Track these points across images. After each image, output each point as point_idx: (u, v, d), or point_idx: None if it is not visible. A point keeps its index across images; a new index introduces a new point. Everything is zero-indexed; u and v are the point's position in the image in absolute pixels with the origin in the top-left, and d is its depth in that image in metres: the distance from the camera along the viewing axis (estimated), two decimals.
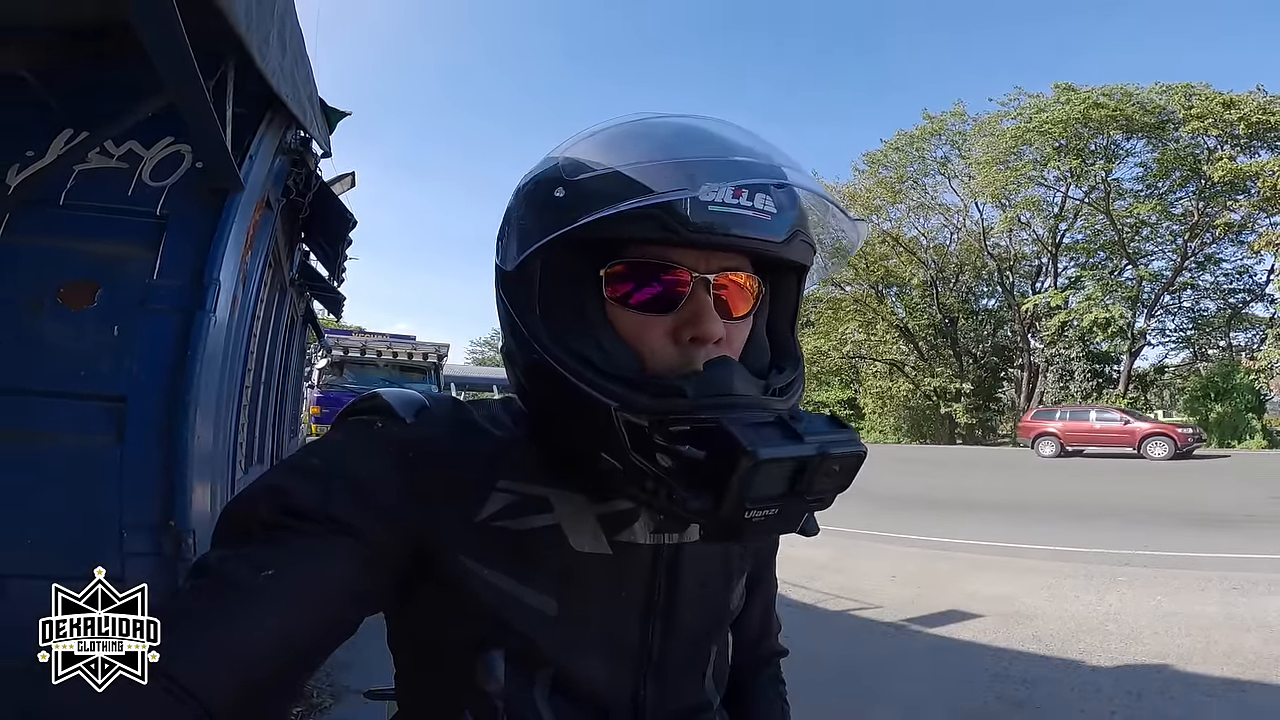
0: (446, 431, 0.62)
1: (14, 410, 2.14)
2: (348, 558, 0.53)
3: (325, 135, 3.18)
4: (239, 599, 0.48)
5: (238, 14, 1.67)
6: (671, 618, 0.66)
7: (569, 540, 0.62)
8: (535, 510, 0.61)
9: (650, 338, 0.58)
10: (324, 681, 3.40)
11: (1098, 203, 29.00)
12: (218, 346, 2.39)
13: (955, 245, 35.75)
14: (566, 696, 0.62)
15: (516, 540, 0.60)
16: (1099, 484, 12.86)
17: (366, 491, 0.56)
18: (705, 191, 0.53)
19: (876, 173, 34.20)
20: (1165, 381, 31.80)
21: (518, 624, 0.59)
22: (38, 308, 2.18)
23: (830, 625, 4.66)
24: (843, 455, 0.51)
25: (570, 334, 0.57)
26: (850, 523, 8.80)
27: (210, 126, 1.99)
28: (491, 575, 0.59)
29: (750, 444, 0.47)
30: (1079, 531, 7.69)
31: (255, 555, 0.50)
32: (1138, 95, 25.94)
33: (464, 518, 0.59)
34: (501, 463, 0.62)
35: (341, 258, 5.12)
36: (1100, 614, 4.62)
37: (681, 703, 0.69)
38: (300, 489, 0.54)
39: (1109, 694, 3.30)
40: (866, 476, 0.59)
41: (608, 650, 0.64)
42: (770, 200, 0.56)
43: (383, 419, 0.61)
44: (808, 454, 0.49)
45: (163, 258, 2.28)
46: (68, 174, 2.25)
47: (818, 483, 0.51)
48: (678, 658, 0.68)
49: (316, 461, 0.58)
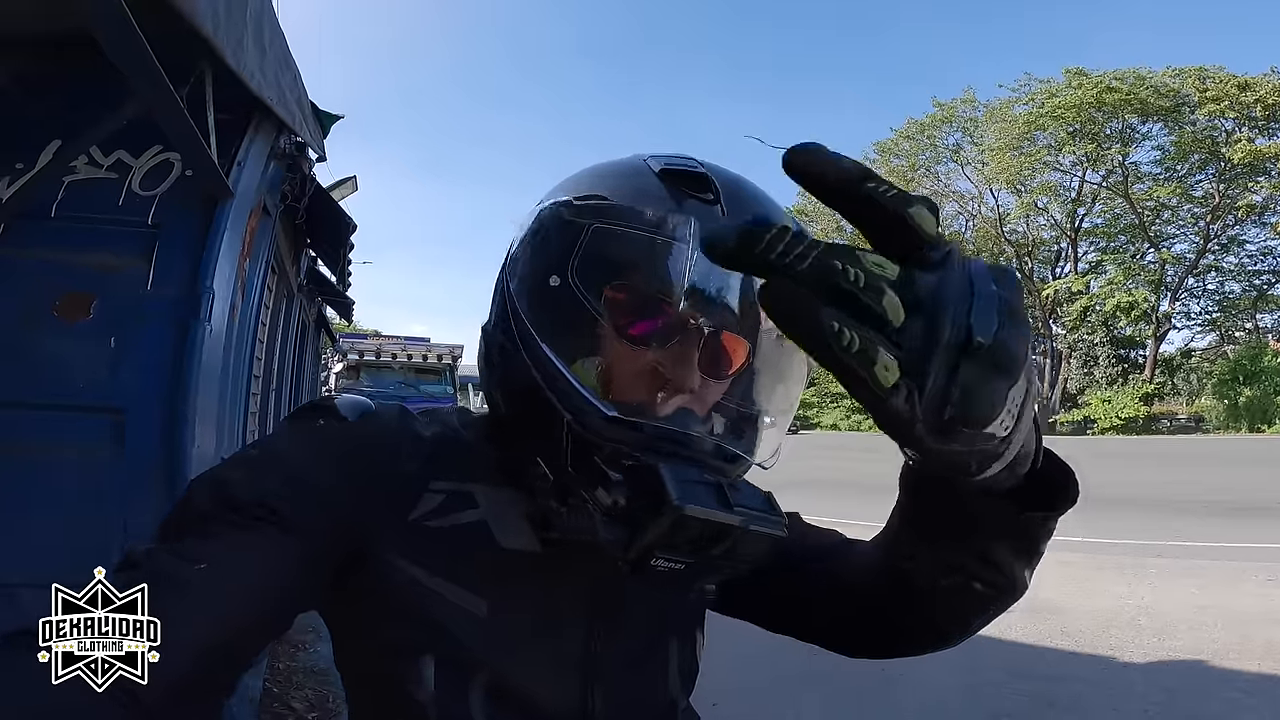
0: (386, 434, 0.62)
1: (13, 424, 2.13)
2: (282, 551, 0.52)
3: (319, 139, 3.16)
4: (167, 591, 0.47)
5: (202, 17, 1.64)
6: (617, 614, 0.64)
7: (496, 536, 0.60)
8: (461, 506, 0.61)
9: (625, 368, 0.57)
10: (338, 687, 3.39)
11: (1116, 186, 28.59)
12: (216, 355, 2.37)
13: (971, 233, 35.44)
14: (505, 706, 0.59)
15: (445, 538, 0.59)
16: (1124, 471, 12.62)
17: (304, 486, 0.55)
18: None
19: (888, 162, 34.01)
20: (1192, 365, 31.22)
21: (448, 625, 0.58)
22: (33, 321, 2.16)
23: None
24: (762, 534, 0.50)
25: (554, 343, 0.56)
26: (872, 517, 8.72)
27: (189, 133, 1.96)
28: (421, 574, 0.58)
29: (679, 498, 0.47)
30: (1106, 522, 7.52)
31: (189, 548, 0.50)
32: (1151, 79, 25.70)
33: (397, 517, 0.59)
34: (437, 464, 0.62)
35: (344, 262, 5.12)
36: (1132, 607, 4.51)
37: (640, 708, 0.65)
38: (238, 481, 0.54)
39: (1142, 691, 3.19)
40: (886, 468, 0.53)
41: (547, 653, 0.61)
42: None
43: (327, 417, 0.61)
44: (731, 524, 0.49)
45: (156, 267, 2.26)
46: (58, 186, 2.23)
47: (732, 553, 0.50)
48: (630, 658, 0.65)
49: (256, 454, 0.59)
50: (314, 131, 3.12)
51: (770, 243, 0.31)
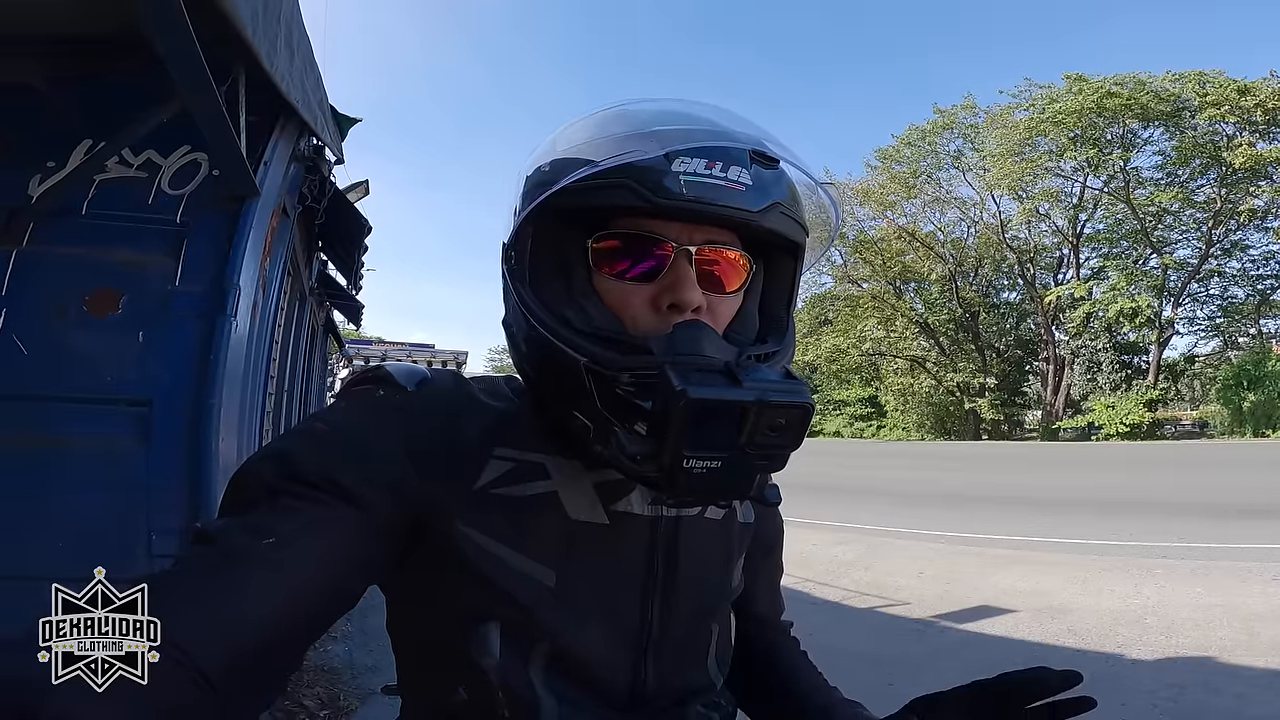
0: (447, 401, 0.62)
1: (43, 416, 2.18)
2: (350, 524, 0.53)
3: (338, 142, 3.22)
4: (239, 566, 0.48)
5: (244, 20, 1.69)
6: (671, 593, 0.65)
7: (565, 508, 0.61)
8: (532, 477, 0.61)
9: (632, 305, 0.59)
10: (350, 684, 3.43)
11: (1118, 192, 28.61)
12: (239, 352, 2.41)
13: (973, 239, 35.47)
14: (564, 674, 0.60)
15: (514, 507, 0.60)
16: (1129, 476, 12.61)
17: (369, 457, 0.56)
18: (678, 163, 0.54)
19: (889, 168, 34.07)
20: (1196, 371, 31.14)
21: (515, 593, 0.59)
22: (64, 315, 2.21)
23: (857, 622, 4.60)
24: (784, 405, 0.49)
25: (557, 300, 0.59)
26: (877, 520, 8.72)
27: (225, 133, 2.01)
28: (489, 543, 0.59)
29: (682, 384, 0.47)
30: (1111, 524, 7.53)
31: (258, 522, 0.50)
32: (1151, 84, 25.78)
33: (463, 484, 0.59)
34: (500, 431, 0.62)
35: (358, 264, 5.18)
36: (1138, 606, 4.51)
37: (684, 683, 0.67)
38: (304, 454, 0.55)
39: (1150, 687, 3.20)
40: (892, 474, 0.57)
41: (606, 626, 0.63)
42: (746, 173, 0.56)
43: (385, 388, 0.62)
44: (745, 399, 0.48)
45: (184, 264, 2.31)
46: (89, 184, 2.29)
47: (760, 435, 0.49)
48: (678, 636, 0.67)
49: (321, 427, 0.58)
50: (333, 134, 3.18)
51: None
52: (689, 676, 0.68)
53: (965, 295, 35.39)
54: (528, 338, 0.60)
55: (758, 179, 0.57)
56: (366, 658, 3.76)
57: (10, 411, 2.16)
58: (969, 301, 35.39)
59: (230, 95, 2.13)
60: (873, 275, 36.43)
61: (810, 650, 0.88)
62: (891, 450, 25.70)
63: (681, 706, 0.67)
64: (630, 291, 0.59)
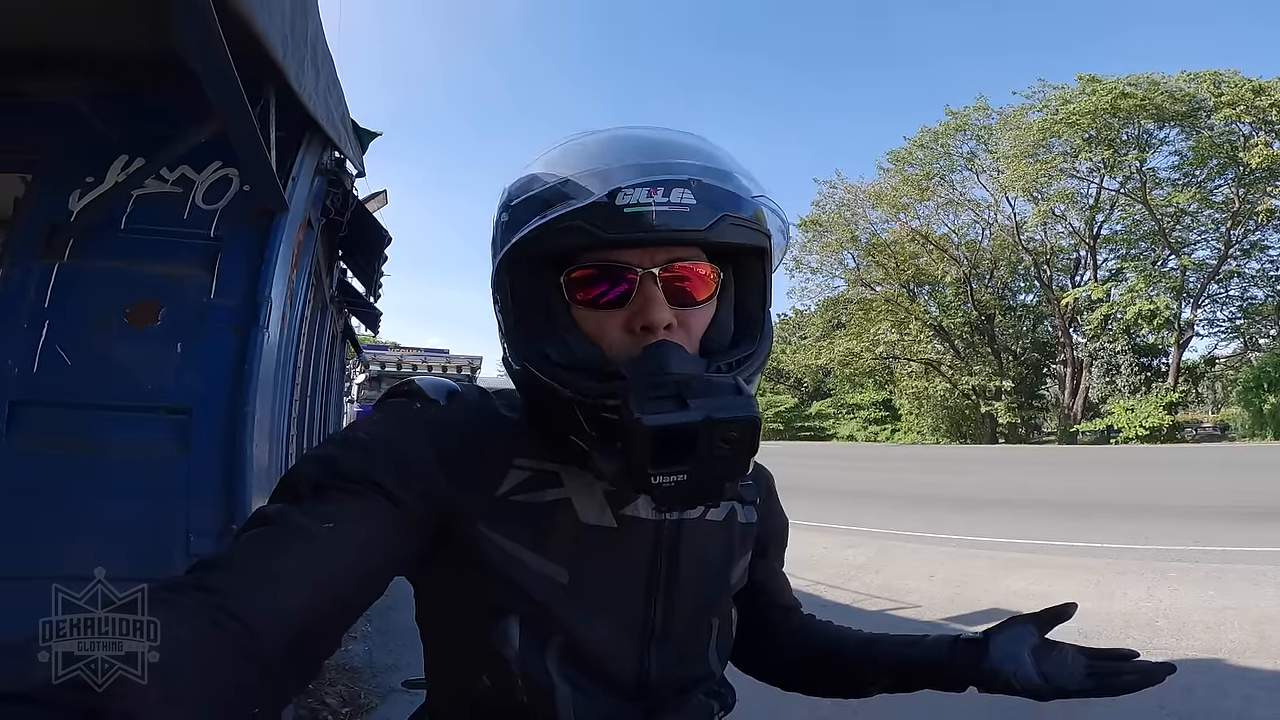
0: (473, 415, 0.69)
1: (87, 424, 2.27)
2: (387, 518, 0.58)
3: (359, 155, 3.31)
4: (298, 545, 0.52)
5: (275, 42, 1.77)
6: (673, 591, 0.71)
7: (578, 512, 0.67)
8: (548, 485, 0.67)
9: (608, 331, 0.64)
10: (370, 682, 3.52)
11: (1134, 193, 28.30)
12: (271, 362, 2.50)
13: (988, 241, 35.18)
14: (576, 664, 0.66)
15: (531, 512, 0.66)
16: (1145, 479, 12.48)
17: (405, 463, 0.61)
18: (621, 196, 0.59)
19: (902, 170, 33.84)
20: (1216, 373, 30.68)
21: (532, 590, 0.64)
22: (106, 327, 2.31)
23: (866, 625, 4.48)
24: (730, 420, 0.55)
25: (540, 336, 0.64)
26: (888, 524, 8.71)
27: (258, 150, 2.09)
28: (509, 545, 0.64)
29: (639, 412, 0.53)
30: (1127, 527, 7.49)
31: (311, 509, 0.55)
32: (1165, 84, 25.53)
33: (486, 491, 0.65)
34: (518, 443, 0.68)
35: (378, 273, 5.29)
36: (1149, 609, 4.51)
37: (686, 673, 0.73)
38: (347, 457, 0.60)
39: (1158, 688, 3.21)
40: (904, 478, 0.64)
41: (614, 620, 0.68)
42: (688, 193, 0.60)
43: (420, 401, 0.68)
44: (693, 420, 0.54)
45: (218, 277, 2.40)
46: (127, 199, 2.38)
47: (715, 448, 0.55)
48: (681, 629, 0.72)
49: (362, 435, 0.64)
50: (355, 148, 3.28)
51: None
52: (690, 667, 0.74)
53: (980, 298, 35.11)
54: (517, 374, 0.66)
55: (702, 195, 0.61)
56: (386, 657, 3.85)
57: (56, 419, 2.26)
58: (984, 304, 35.10)
59: (262, 114, 2.21)
60: (886, 278, 36.24)
61: None
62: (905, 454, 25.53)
63: (684, 694, 0.73)
64: (605, 319, 0.64)
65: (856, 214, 36.05)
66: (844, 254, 37.26)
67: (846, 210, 36.15)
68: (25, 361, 2.25)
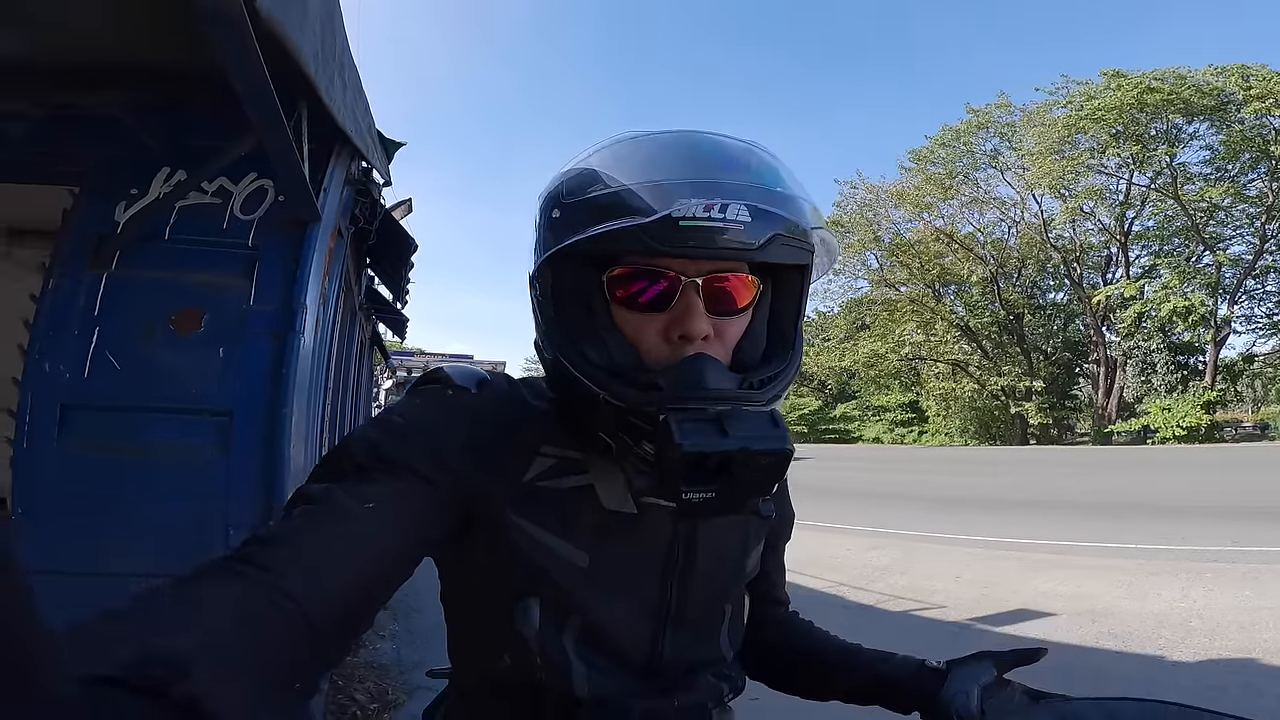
0: (503, 403, 0.70)
1: (134, 425, 2.38)
2: (421, 500, 0.60)
3: (385, 165, 3.40)
4: (344, 525, 0.54)
5: (307, 59, 1.84)
6: (689, 576, 0.73)
7: (601, 499, 0.69)
8: (572, 471, 0.69)
9: (646, 335, 0.65)
10: (397, 679, 3.60)
11: (1165, 188, 27.63)
12: (306, 366, 2.59)
13: (1015, 239, 34.62)
14: (593, 644, 0.69)
15: (556, 498, 0.68)
16: (1182, 479, 12.18)
17: (440, 447, 0.63)
18: (678, 206, 0.58)
19: (924, 169, 33.41)
20: (1255, 371, 29.77)
21: (554, 574, 0.67)
22: (151, 334, 2.42)
23: (890, 625, 4.61)
24: (765, 451, 0.58)
25: (578, 332, 0.65)
26: (914, 525, 8.63)
27: (293, 163, 2.18)
28: (533, 529, 0.66)
29: (680, 438, 0.55)
30: (1163, 528, 7.34)
31: (353, 488, 0.57)
32: (1192, 78, 24.94)
33: (513, 477, 0.67)
34: (545, 431, 0.69)
35: (405, 280, 5.41)
36: (1183, 610, 4.44)
37: (697, 655, 0.76)
38: (386, 440, 0.62)
39: (1188, 688, 3.18)
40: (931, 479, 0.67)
41: (631, 603, 0.71)
42: (745, 210, 0.60)
43: (452, 388, 0.69)
44: (731, 449, 0.56)
45: (257, 285, 2.51)
46: (170, 210, 2.49)
47: (746, 474, 0.58)
48: (694, 614, 0.74)
49: (399, 420, 0.65)
50: (381, 158, 3.38)
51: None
52: (702, 650, 0.76)
53: (1008, 297, 34.54)
54: (553, 368, 0.67)
55: (757, 213, 0.60)
56: (413, 654, 3.94)
57: (106, 422, 2.37)
58: (1012, 303, 34.52)
59: (295, 128, 2.30)
60: (910, 278, 35.84)
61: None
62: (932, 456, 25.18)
63: (694, 675, 0.75)
64: (644, 323, 0.65)
65: (879, 214, 35.74)
66: (867, 255, 36.92)
67: (868, 210, 35.87)
68: (76, 367, 2.36)
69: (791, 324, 0.72)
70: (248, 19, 1.37)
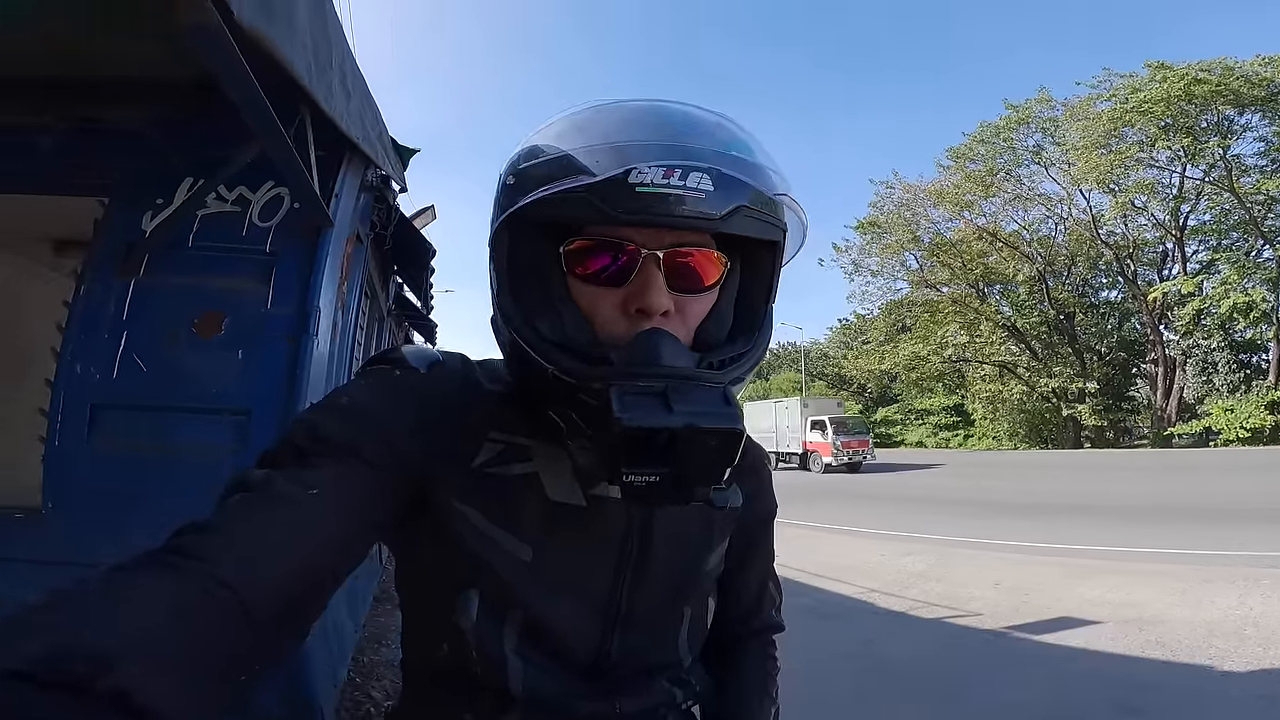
0: (453, 385, 0.67)
1: (159, 424, 2.48)
2: (366, 484, 0.58)
3: (399, 172, 3.46)
4: (283, 511, 0.52)
5: (299, 70, 1.87)
6: (642, 574, 0.70)
7: (546, 489, 0.66)
8: (518, 459, 0.66)
9: (602, 309, 0.62)
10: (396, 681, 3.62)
11: (1220, 181, 26.37)
12: (321, 365, 2.66)
13: (1063, 236, 33.46)
14: (534, 641, 0.66)
15: (503, 486, 0.65)
16: (1243, 483, 11.59)
17: (385, 430, 0.61)
18: (635, 174, 0.55)
19: (963, 167, 32.58)
20: None
21: (495, 566, 0.64)
22: (175, 337, 2.52)
23: (922, 631, 4.48)
24: (713, 430, 0.53)
25: (534, 306, 0.62)
26: (951, 530, 8.39)
27: (297, 169, 2.24)
28: (476, 518, 0.64)
29: (619, 410, 0.52)
30: (1221, 533, 7.00)
31: (294, 474, 0.55)
32: (1239, 69, 23.81)
33: (461, 463, 0.65)
34: (495, 415, 0.67)
35: (427, 285, 5.50)
36: (1238, 618, 4.21)
37: (651, 658, 0.72)
38: (329, 423, 0.60)
39: (1237, 698, 3.01)
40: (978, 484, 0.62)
41: (578, 600, 0.67)
42: (707, 179, 0.57)
43: (401, 369, 0.67)
44: (674, 425, 0.52)
45: (274, 289, 2.59)
46: (192, 218, 2.59)
47: (695, 455, 0.53)
48: (648, 613, 0.71)
49: (344, 401, 0.63)
50: (395, 165, 3.45)
51: None
52: (657, 653, 0.73)
53: (1058, 296, 33.36)
54: (505, 341, 0.64)
55: (720, 183, 0.57)
56: None
57: (133, 421, 2.47)
58: (1062, 302, 33.33)
59: (299, 135, 2.36)
60: (952, 279, 34.94)
61: (861, 657, 0.92)
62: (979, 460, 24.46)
63: (648, 678, 0.72)
64: (601, 296, 0.62)
65: (917, 214, 34.94)
66: (905, 255, 36.18)
67: (906, 210, 35.11)
68: (106, 369, 2.47)
69: (761, 305, 0.68)
70: (227, 31, 1.41)
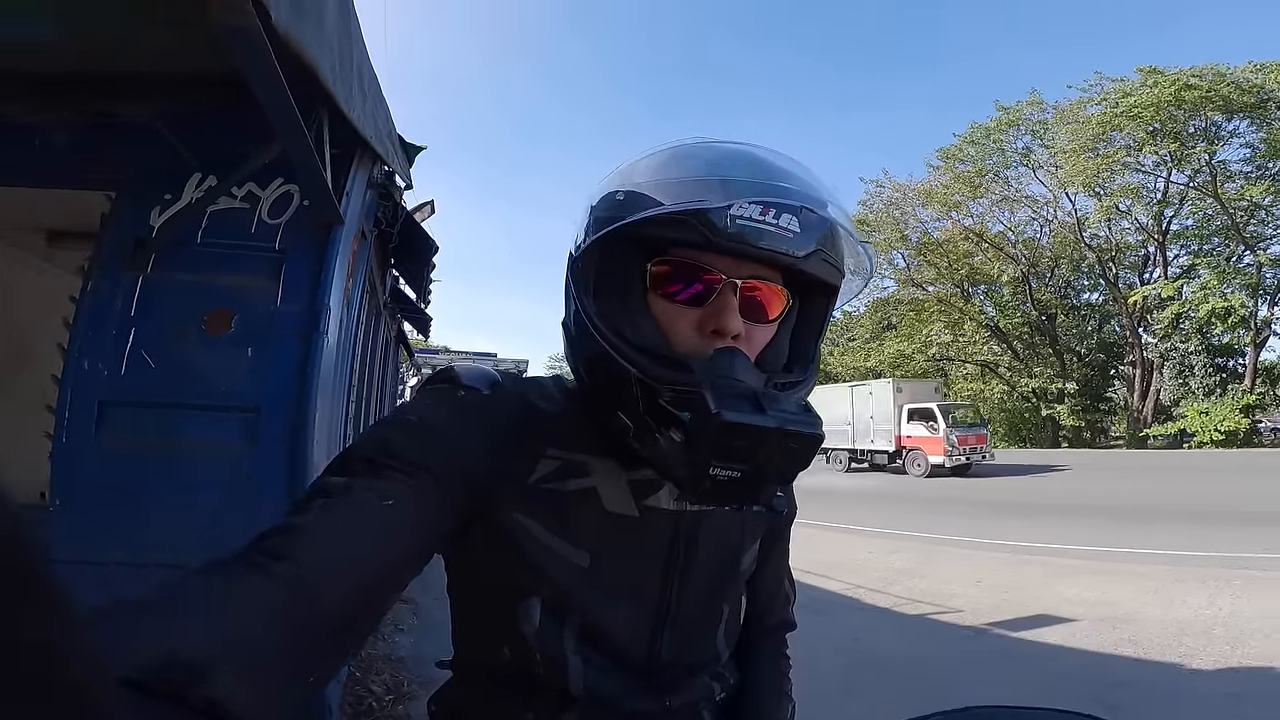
0: (513, 406, 0.71)
1: (168, 421, 2.49)
2: (432, 499, 0.61)
3: (406, 169, 3.49)
4: (364, 519, 0.55)
5: (324, 71, 1.92)
6: (688, 577, 0.75)
7: (602, 502, 0.71)
8: (576, 474, 0.70)
9: (680, 326, 0.67)
10: (414, 672, 3.66)
11: (1204, 187, 26.76)
12: (330, 364, 2.68)
13: (1048, 238, 33.78)
14: (592, 643, 0.70)
15: (559, 500, 0.69)
16: (1217, 485, 11.87)
17: (451, 447, 0.65)
18: (737, 207, 0.62)
19: (953, 168, 32.73)
20: None
21: (555, 574, 0.68)
22: (184, 334, 2.53)
23: (905, 627, 4.60)
24: (799, 434, 0.58)
25: (615, 313, 0.67)
26: (933, 528, 8.56)
27: (314, 168, 2.27)
28: (537, 530, 0.68)
29: (717, 406, 0.56)
30: (1195, 534, 7.20)
31: (370, 484, 0.58)
32: (1231, 75, 24.15)
33: (519, 479, 0.68)
34: (551, 433, 0.71)
35: (427, 280, 5.53)
36: (1208, 617, 4.37)
37: (694, 654, 0.77)
38: (400, 439, 0.63)
39: (1205, 696, 3.14)
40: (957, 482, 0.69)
41: (630, 603, 0.72)
42: (795, 220, 0.64)
43: (464, 389, 0.70)
44: (768, 425, 0.56)
45: (283, 287, 2.60)
46: (201, 215, 2.60)
47: (777, 456, 0.58)
48: (692, 613, 0.76)
49: (413, 419, 0.67)
50: (402, 162, 3.47)
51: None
52: (699, 649, 0.78)
53: (1040, 297, 33.74)
54: (586, 344, 0.68)
55: (805, 225, 0.64)
56: (429, 648, 4.00)
57: (141, 418, 2.48)
58: (1045, 304, 33.72)
59: (316, 134, 2.38)
60: (938, 278, 35.22)
61: (849, 652, 0.97)
62: None
63: (690, 674, 0.77)
64: (679, 314, 0.67)
65: (906, 213, 35.10)
66: (893, 254, 36.39)
67: (895, 209, 35.26)
68: (114, 365, 2.48)
69: (811, 342, 0.75)
70: (265, 36, 1.45)
